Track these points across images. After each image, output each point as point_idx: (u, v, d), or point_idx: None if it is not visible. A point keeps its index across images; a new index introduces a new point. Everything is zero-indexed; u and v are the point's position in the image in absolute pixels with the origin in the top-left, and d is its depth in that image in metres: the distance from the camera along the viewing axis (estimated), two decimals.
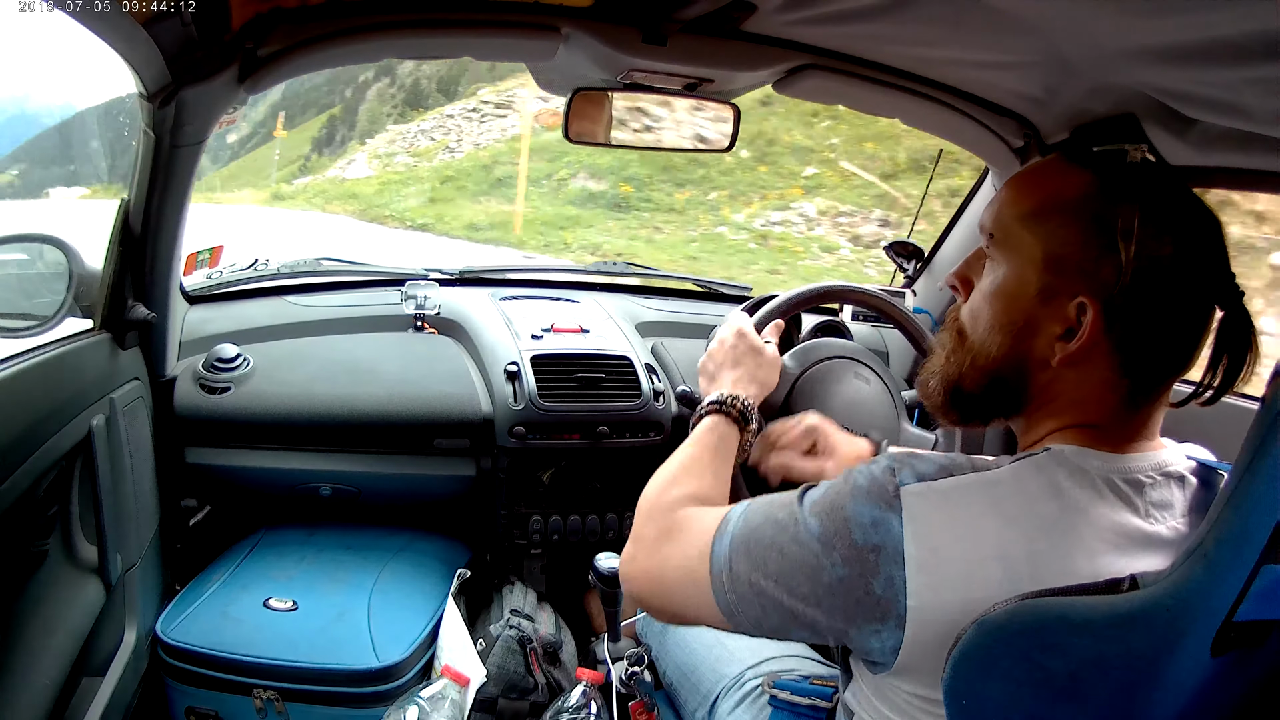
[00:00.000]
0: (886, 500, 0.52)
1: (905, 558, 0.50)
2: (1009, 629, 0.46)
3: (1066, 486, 0.52)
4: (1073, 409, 0.57)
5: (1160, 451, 0.56)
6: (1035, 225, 0.58)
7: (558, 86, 1.16)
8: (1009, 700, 0.47)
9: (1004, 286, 0.59)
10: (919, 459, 0.55)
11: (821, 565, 0.54)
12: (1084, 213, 0.56)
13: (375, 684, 1.07)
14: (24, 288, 0.98)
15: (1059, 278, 0.56)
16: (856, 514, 0.53)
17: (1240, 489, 0.41)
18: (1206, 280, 0.54)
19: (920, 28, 0.88)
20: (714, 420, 0.80)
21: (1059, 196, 0.57)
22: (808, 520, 0.56)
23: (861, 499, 0.53)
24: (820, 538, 0.54)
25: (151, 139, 0.95)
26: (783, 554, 0.56)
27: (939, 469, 0.54)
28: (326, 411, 1.24)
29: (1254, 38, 0.60)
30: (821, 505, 0.56)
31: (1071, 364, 0.56)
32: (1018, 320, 0.58)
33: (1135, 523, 0.52)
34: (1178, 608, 0.42)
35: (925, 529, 0.51)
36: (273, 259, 1.54)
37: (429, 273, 1.60)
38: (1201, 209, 0.55)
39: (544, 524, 1.34)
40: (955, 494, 0.52)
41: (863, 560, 0.52)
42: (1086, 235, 0.55)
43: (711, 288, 1.81)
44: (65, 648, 0.91)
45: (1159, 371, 0.55)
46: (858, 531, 0.52)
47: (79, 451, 0.93)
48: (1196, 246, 0.54)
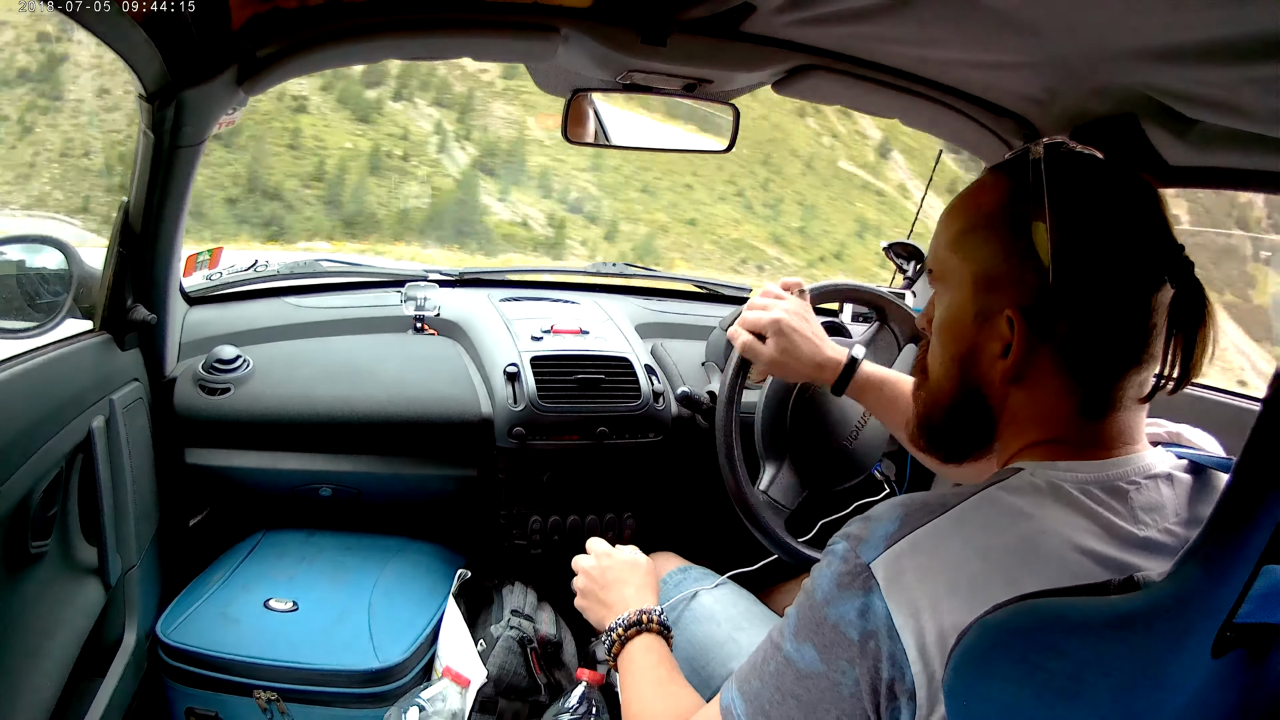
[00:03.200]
0: (861, 584, 0.50)
1: (897, 630, 0.49)
2: (1009, 629, 0.46)
3: (1039, 511, 0.50)
4: (1035, 426, 0.56)
5: (1144, 454, 0.55)
6: (962, 247, 0.57)
7: (557, 87, 1.16)
8: (1009, 700, 0.46)
9: (946, 317, 0.59)
10: (872, 522, 0.53)
11: (836, 681, 0.51)
12: (1001, 223, 0.54)
13: (376, 684, 1.07)
14: (24, 289, 0.97)
15: (990, 295, 0.55)
16: (842, 614, 0.51)
17: (1240, 490, 0.41)
18: (1144, 260, 0.52)
19: (920, 28, 0.88)
20: (645, 640, 0.80)
21: (979, 212, 0.56)
22: (801, 651, 0.53)
23: (837, 599, 0.52)
24: (821, 658, 0.52)
25: (151, 140, 0.95)
26: (798, 700, 0.53)
27: (899, 523, 0.52)
28: (326, 412, 1.24)
29: (1254, 38, 0.60)
30: (805, 628, 0.54)
31: (1018, 380, 0.55)
32: (962, 348, 0.57)
33: (1122, 528, 0.51)
34: (1178, 609, 0.42)
35: (905, 595, 0.49)
36: (272, 261, 1.54)
37: (429, 274, 1.60)
38: (1131, 186, 0.53)
39: (544, 524, 1.34)
40: (924, 543, 0.51)
41: (865, 651, 0.50)
42: (1006, 246, 0.54)
43: (711, 288, 1.81)
44: (65, 648, 0.90)
45: (1110, 369, 0.53)
46: (850, 629, 0.50)
47: (79, 452, 0.93)
48: (1126, 227, 0.51)
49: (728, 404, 1.09)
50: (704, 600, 1.07)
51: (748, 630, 1.01)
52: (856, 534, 0.53)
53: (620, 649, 0.80)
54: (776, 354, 0.94)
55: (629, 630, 0.80)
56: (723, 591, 1.10)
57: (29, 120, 14.79)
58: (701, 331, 1.58)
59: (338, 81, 17.17)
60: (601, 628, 0.85)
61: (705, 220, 17.70)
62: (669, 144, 1.28)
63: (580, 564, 0.94)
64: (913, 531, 0.51)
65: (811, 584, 0.54)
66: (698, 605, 1.06)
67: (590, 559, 0.94)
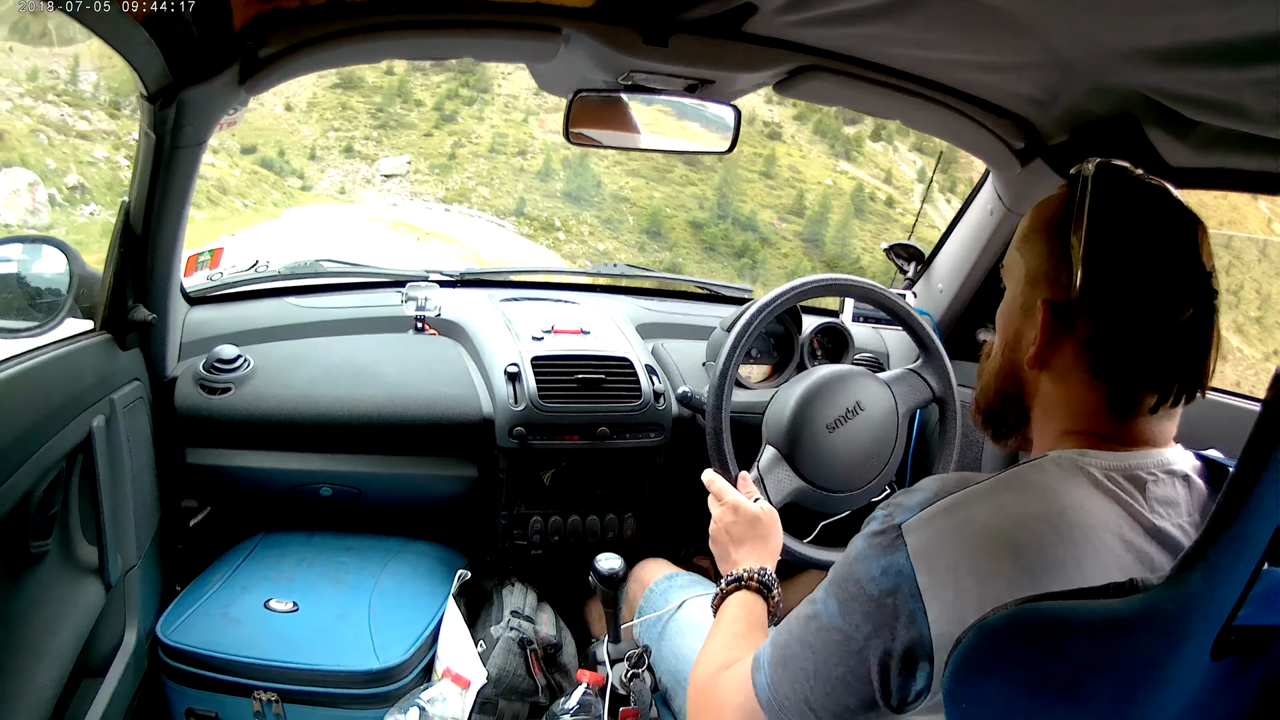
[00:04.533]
0: (890, 544, 0.54)
1: (920, 589, 0.51)
2: (1009, 632, 0.46)
3: (1065, 486, 0.53)
4: (1064, 416, 0.59)
5: (1165, 450, 0.57)
6: (1023, 246, 0.62)
7: (558, 87, 1.16)
8: (1009, 703, 0.46)
9: (1003, 307, 0.64)
10: (914, 492, 0.56)
11: (848, 635, 0.55)
12: (1052, 229, 0.59)
13: (376, 685, 1.07)
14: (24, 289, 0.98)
15: (1033, 290, 0.60)
16: (866, 572, 0.54)
17: (1240, 491, 0.40)
18: (1170, 285, 0.55)
19: (921, 29, 0.88)
20: (740, 596, 0.84)
21: (1040, 217, 0.61)
22: (827, 605, 0.57)
23: (866, 558, 0.55)
24: (841, 612, 0.56)
25: (152, 140, 0.95)
26: (813, 650, 0.57)
27: (934, 493, 0.55)
28: (327, 412, 1.24)
29: (1253, 39, 0.60)
30: (833, 584, 0.58)
31: (1044, 365, 0.59)
32: (1009, 336, 0.63)
33: (1140, 514, 0.53)
34: (1178, 611, 0.42)
35: (933, 555, 0.52)
36: (273, 260, 1.54)
37: (429, 274, 1.60)
38: (1172, 216, 0.56)
39: (544, 525, 1.34)
40: (957, 508, 0.53)
41: (882, 609, 0.53)
42: (1051, 249, 0.58)
43: (712, 289, 1.81)
44: (65, 649, 0.90)
45: (1133, 373, 0.56)
46: (870, 585, 0.54)
47: (79, 452, 0.94)
48: (1156, 253, 0.55)
49: (716, 405, 1.09)
50: (689, 611, 1.07)
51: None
52: (897, 501, 0.57)
53: (719, 602, 0.85)
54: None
55: (730, 586, 0.85)
56: (708, 600, 1.10)
57: (448, 109, 13.92)
58: (702, 332, 1.58)
59: (811, 113, 16.04)
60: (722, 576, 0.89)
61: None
62: (670, 145, 1.28)
63: (713, 512, 0.96)
64: (946, 497, 0.54)
65: (850, 546, 0.58)
66: (683, 617, 1.06)
67: (720, 510, 0.95)
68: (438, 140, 13.55)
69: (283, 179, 19.57)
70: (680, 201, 12.86)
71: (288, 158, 23.64)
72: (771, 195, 14.24)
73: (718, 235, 12.87)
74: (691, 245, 12.10)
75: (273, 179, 22.75)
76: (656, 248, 9.79)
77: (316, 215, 21.51)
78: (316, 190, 13.30)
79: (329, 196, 13.83)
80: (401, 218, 19.38)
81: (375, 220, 14.27)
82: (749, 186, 14.34)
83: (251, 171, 19.95)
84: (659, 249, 10.28)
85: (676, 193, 12.20)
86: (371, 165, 23.98)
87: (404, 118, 23.78)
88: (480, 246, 7.94)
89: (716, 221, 13.27)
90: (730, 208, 13.38)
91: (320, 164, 19.51)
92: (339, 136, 21.81)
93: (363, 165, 23.76)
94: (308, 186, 21.42)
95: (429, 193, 14.34)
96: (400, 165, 26.75)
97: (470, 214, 11.01)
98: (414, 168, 20.80)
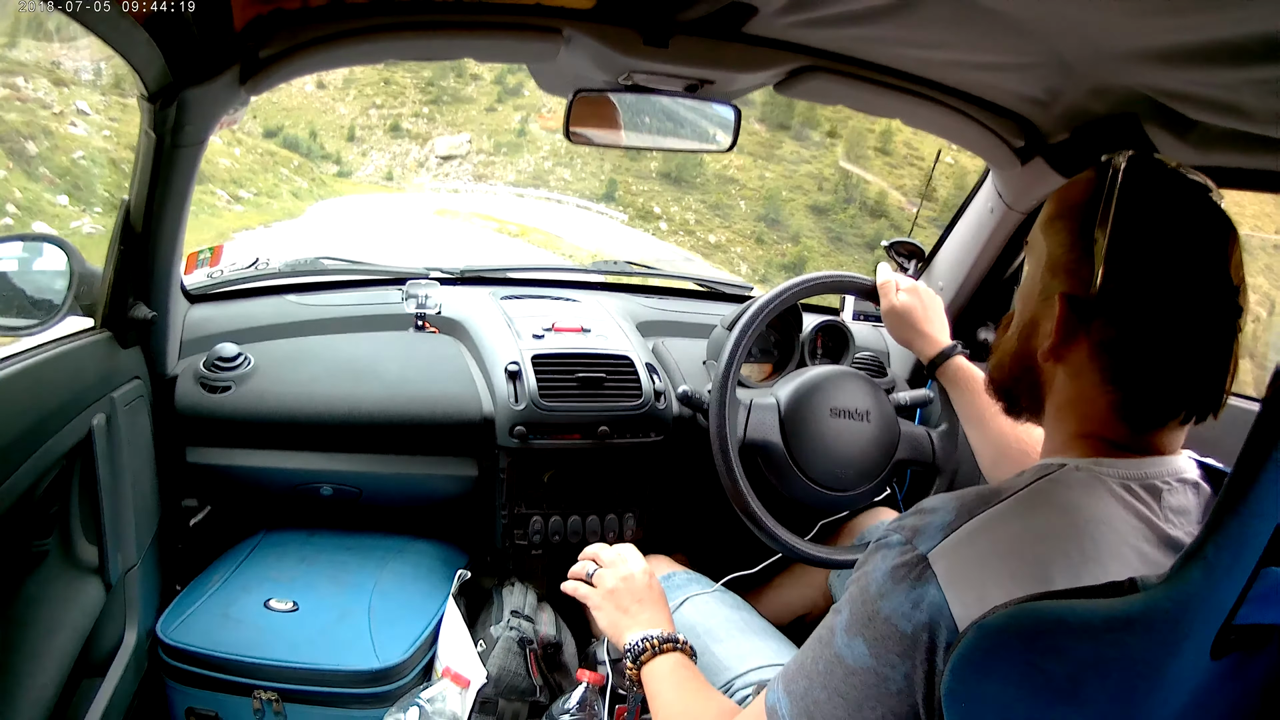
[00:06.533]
0: (917, 575, 0.51)
1: (955, 621, 0.49)
2: (1008, 632, 0.46)
3: (1088, 501, 0.52)
4: (1078, 417, 0.58)
5: (1176, 458, 0.57)
6: (1047, 229, 0.60)
7: (559, 88, 1.16)
8: (1008, 703, 0.46)
9: (1023, 288, 0.63)
10: (927, 514, 0.54)
11: (885, 676, 0.51)
12: (1076, 218, 0.57)
13: (375, 685, 1.07)
14: (24, 287, 0.98)
15: (1053, 278, 0.58)
16: (896, 608, 0.51)
17: (1239, 491, 0.41)
18: (1194, 293, 0.53)
19: (921, 30, 0.88)
20: (678, 656, 0.81)
21: (1065, 202, 0.59)
22: (852, 646, 0.53)
23: (891, 592, 0.52)
24: (871, 653, 0.52)
25: (152, 139, 0.95)
26: (844, 698, 0.53)
27: (955, 513, 0.52)
28: (327, 411, 1.24)
29: (1254, 39, 0.60)
30: (857, 623, 0.54)
31: (1056, 360, 0.58)
32: (1027, 320, 0.61)
33: (1156, 525, 0.53)
34: (1177, 610, 0.42)
35: (965, 583, 0.50)
36: (274, 258, 1.54)
37: (430, 272, 1.60)
38: (1208, 216, 0.54)
39: (545, 524, 1.34)
40: (984, 530, 0.52)
41: (917, 644, 0.50)
42: (1074, 239, 0.57)
43: (712, 287, 1.81)
44: (65, 648, 0.91)
45: (1148, 380, 0.54)
46: (903, 622, 0.51)
47: (79, 451, 0.94)
48: (1189, 257, 0.53)
49: (719, 404, 1.09)
50: (685, 611, 1.07)
51: (724, 643, 1.01)
52: (912, 525, 0.54)
53: (652, 658, 0.81)
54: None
55: (664, 644, 0.82)
56: (705, 600, 1.10)
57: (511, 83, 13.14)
58: (703, 330, 1.58)
59: None
60: (616, 633, 0.86)
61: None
62: (671, 144, 1.28)
63: (597, 575, 0.93)
64: (971, 519, 0.52)
65: (865, 578, 0.54)
66: (679, 616, 1.06)
67: (606, 572, 0.93)
68: (502, 116, 12.74)
69: (313, 163, 17.85)
70: (795, 182, 11.85)
71: (320, 139, 21.37)
72: (894, 175, 13.40)
73: (845, 223, 11.85)
74: (816, 234, 11.13)
75: (296, 162, 20.63)
76: (776, 238, 8.89)
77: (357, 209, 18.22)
78: (358, 177, 12.43)
79: (373, 185, 12.68)
80: (476, 209, 17.40)
81: (446, 214, 12.60)
82: (867, 165, 13.58)
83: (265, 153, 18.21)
84: (779, 239, 9.32)
85: (790, 171, 11.18)
86: (424, 146, 22.03)
87: (459, 91, 22.21)
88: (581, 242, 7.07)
89: (843, 206, 12.29)
90: (856, 191, 12.57)
91: (361, 146, 18.01)
92: (383, 115, 20.37)
93: (413, 146, 21.98)
94: (346, 172, 19.79)
95: (496, 175, 13.36)
96: (460, 145, 24.60)
97: (551, 198, 10.29)
98: (476, 147, 19.35)
